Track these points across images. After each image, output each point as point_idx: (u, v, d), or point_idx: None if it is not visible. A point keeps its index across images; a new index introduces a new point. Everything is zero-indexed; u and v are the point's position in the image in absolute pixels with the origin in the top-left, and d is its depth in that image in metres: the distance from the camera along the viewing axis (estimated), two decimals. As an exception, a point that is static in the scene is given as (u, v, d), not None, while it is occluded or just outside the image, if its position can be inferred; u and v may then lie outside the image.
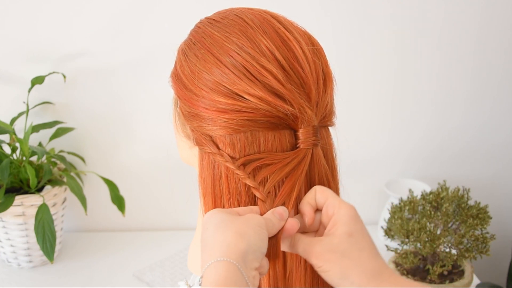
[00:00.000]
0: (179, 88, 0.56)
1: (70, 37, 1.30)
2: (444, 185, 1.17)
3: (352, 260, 0.48)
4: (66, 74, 1.30)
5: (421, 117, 1.43)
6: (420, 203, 1.14)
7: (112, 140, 1.40)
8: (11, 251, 1.26)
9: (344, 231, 0.50)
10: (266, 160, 0.52)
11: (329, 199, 0.52)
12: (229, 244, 0.45)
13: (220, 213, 0.49)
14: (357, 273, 0.48)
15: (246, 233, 0.46)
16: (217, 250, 0.45)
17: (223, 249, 0.45)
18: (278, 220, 0.50)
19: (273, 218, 0.50)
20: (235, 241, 0.46)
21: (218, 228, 0.47)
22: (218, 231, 0.47)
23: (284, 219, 0.51)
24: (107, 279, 1.25)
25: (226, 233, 0.46)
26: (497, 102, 1.43)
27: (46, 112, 1.37)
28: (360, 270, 0.48)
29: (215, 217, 0.49)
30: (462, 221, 1.09)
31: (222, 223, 0.47)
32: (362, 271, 0.48)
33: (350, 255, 0.49)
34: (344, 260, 0.48)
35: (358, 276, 0.48)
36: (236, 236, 0.46)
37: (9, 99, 1.34)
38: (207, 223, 0.49)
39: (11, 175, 1.20)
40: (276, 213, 0.51)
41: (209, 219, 0.49)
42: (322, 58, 0.56)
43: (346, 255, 0.49)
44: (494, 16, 1.33)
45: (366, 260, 0.49)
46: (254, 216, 0.49)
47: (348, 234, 0.49)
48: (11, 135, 1.22)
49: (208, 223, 0.49)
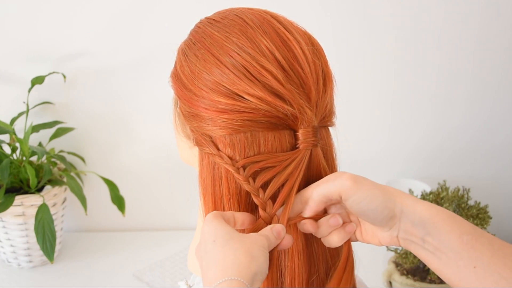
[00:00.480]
0: (179, 88, 0.56)
1: (70, 37, 1.30)
2: (444, 185, 1.17)
3: (387, 187, 0.51)
4: (66, 74, 1.30)
5: (421, 117, 1.43)
6: (420, 203, 1.14)
7: (112, 140, 1.40)
8: (11, 251, 1.26)
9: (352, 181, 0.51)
10: (267, 163, 0.52)
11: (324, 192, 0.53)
12: (241, 264, 0.46)
13: (224, 225, 0.49)
14: (397, 192, 0.51)
15: (256, 255, 0.47)
16: (230, 268, 0.45)
17: (235, 268, 0.45)
18: (275, 238, 0.50)
19: (272, 236, 0.50)
20: (247, 262, 0.46)
21: (227, 244, 0.47)
22: (227, 247, 0.47)
23: (281, 238, 0.51)
24: (107, 279, 1.25)
25: (237, 252, 0.46)
26: (497, 102, 1.43)
27: (46, 112, 1.37)
28: (397, 190, 0.51)
29: (221, 230, 0.48)
30: (462, 221, 1.09)
31: (231, 240, 0.47)
32: (397, 191, 0.51)
33: (384, 187, 0.51)
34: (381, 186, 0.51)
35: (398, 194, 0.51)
36: (248, 257, 0.46)
37: (9, 99, 1.34)
38: (211, 234, 0.48)
39: (11, 175, 1.20)
40: (274, 231, 0.51)
41: (214, 230, 0.48)
42: (322, 58, 0.56)
43: (380, 187, 0.51)
44: (494, 16, 1.33)
45: (391, 188, 0.52)
46: (259, 238, 0.49)
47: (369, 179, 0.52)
48: (11, 135, 1.22)
49: (214, 235, 0.48)
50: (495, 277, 0.45)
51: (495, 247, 0.47)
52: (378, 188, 0.50)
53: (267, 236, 0.50)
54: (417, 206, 0.50)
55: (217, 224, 0.49)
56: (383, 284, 1.18)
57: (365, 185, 0.50)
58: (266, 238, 0.50)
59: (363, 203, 0.50)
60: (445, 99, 1.41)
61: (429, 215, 0.49)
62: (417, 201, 0.50)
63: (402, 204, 0.50)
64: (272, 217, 0.52)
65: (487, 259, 0.46)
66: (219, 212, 0.51)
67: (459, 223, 0.49)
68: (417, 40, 1.34)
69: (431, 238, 0.49)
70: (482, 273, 0.46)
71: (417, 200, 0.50)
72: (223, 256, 0.46)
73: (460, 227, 0.48)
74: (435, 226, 0.48)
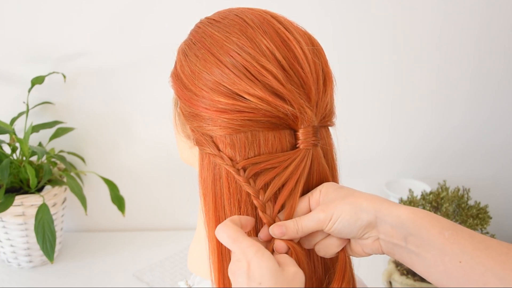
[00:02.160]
0: (179, 88, 0.56)
1: (70, 37, 1.30)
2: (444, 185, 1.17)
3: (357, 196, 0.51)
4: (66, 74, 1.30)
5: (421, 117, 1.43)
6: (420, 203, 1.14)
7: (112, 140, 1.40)
8: (11, 251, 1.26)
9: (334, 188, 0.53)
10: (267, 165, 0.52)
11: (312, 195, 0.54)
12: None
13: (271, 265, 0.46)
14: (368, 200, 0.50)
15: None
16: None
17: None
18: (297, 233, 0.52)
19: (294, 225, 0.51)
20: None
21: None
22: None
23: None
24: (107, 279, 1.25)
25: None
26: (497, 102, 1.43)
27: (46, 112, 1.37)
28: (369, 198, 0.51)
29: (267, 272, 0.46)
30: (462, 221, 1.09)
31: (275, 284, 0.46)
32: (372, 198, 0.51)
33: (353, 194, 0.51)
34: (350, 198, 0.51)
35: (369, 202, 0.50)
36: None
37: (9, 99, 1.34)
38: (258, 274, 0.46)
39: (11, 175, 1.20)
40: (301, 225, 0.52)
41: (260, 269, 0.46)
42: (322, 58, 0.56)
43: (349, 195, 0.51)
44: (494, 16, 1.33)
45: (368, 194, 0.52)
46: (298, 276, 0.48)
47: (339, 187, 0.53)
48: (11, 135, 1.22)
49: (260, 276, 0.46)
50: (480, 269, 0.46)
51: (476, 239, 0.47)
52: (347, 203, 0.50)
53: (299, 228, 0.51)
54: (392, 209, 0.50)
55: (263, 261, 0.46)
56: (383, 284, 1.18)
57: (334, 206, 0.51)
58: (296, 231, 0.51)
59: (335, 225, 0.51)
60: (445, 99, 1.41)
61: (406, 215, 0.49)
62: (392, 205, 0.50)
63: (376, 210, 0.50)
64: (273, 219, 0.52)
65: (471, 252, 0.46)
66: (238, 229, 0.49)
67: (438, 220, 0.49)
68: (417, 40, 1.34)
69: (413, 237, 0.49)
70: (468, 267, 0.46)
71: (393, 203, 0.51)
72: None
73: (440, 223, 0.49)
74: (415, 224, 0.49)
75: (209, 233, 0.55)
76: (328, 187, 0.53)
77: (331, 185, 0.54)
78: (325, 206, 0.51)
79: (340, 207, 0.50)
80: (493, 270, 0.45)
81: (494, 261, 0.46)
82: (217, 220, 0.54)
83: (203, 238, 0.59)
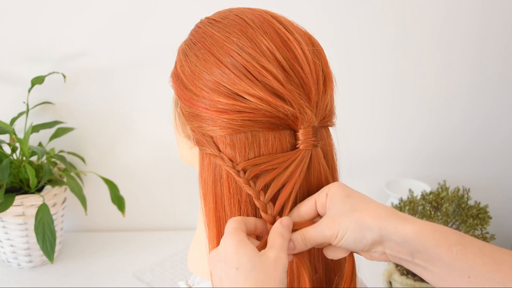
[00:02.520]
0: (179, 88, 0.56)
1: (70, 37, 1.30)
2: (444, 185, 1.17)
3: (363, 210, 0.50)
4: (66, 74, 1.30)
5: (420, 117, 1.43)
6: (420, 203, 1.14)
7: (112, 140, 1.40)
8: (11, 251, 1.26)
9: (341, 196, 0.51)
10: (267, 166, 0.52)
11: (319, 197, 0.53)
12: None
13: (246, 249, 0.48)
14: (373, 217, 0.49)
15: (277, 282, 0.47)
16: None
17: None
18: (288, 232, 0.51)
19: (284, 231, 0.50)
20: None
21: (250, 276, 0.46)
22: (251, 279, 0.46)
23: (290, 230, 0.51)
24: (107, 279, 1.25)
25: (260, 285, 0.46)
26: (496, 102, 1.43)
27: (46, 112, 1.37)
28: (374, 214, 0.49)
29: (244, 255, 0.47)
30: (462, 221, 1.09)
31: (253, 271, 0.46)
32: (377, 214, 0.49)
33: (359, 207, 0.50)
34: (355, 213, 0.50)
35: (374, 219, 0.49)
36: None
37: (9, 99, 1.34)
38: (234, 259, 0.47)
39: (11, 175, 1.20)
40: (284, 225, 0.51)
41: (237, 255, 0.47)
42: (322, 58, 0.56)
43: (355, 209, 0.50)
44: (493, 16, 1.33)
45: (375, 206, 0.50)
46: (280, 261, 0.48)
47: (346, 196, 0.51)
48: (11, 135, 1.22)
49: (237, 261, 0.47)
50: (490, 283, 0.46)
51: (486, 253, 0.47)
52: (352, 221, 0.50)
53: (281, 233, 0.50)
54: (398, 226, 0.49)
55: (240, 247, 0.48)
56: (383, 284, 1.18)
57: (339, 222, 0.50)
58: (280, 235, 0.49)
59: (341, 242, 0.50)
60: (445, 99, 1.41)
61: (412, 233, 0.48)
62: (399, 221, 0.49)
63: (381, 229, 0.49)
64: (274, 218, 0.52)
65: (480, 267, 0.46)
66: (241, 221, 0.50)
67: (446, 235, 0.48)
68: (416, 40, 1.34)
69: (419, 254, 0.48)
70: (477, 282, 0.46)
71: (400, 218, 0.49)
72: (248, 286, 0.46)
73: (448, 239, 0.48)
74: (421, 242, 0.48)
75: (209, 233, 0.55)
76: (335, 192, 0.52)
77: (338, 190, 0.52)
78: (331, 222, 0.50)
79: (345, 225, 0.50)
80: (503, 284, 0.45)
81: (505, 275, 0.45)
82: (217, 220, 0.54)
83: (203, 238, 0.59)
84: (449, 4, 1.31)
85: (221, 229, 0.54)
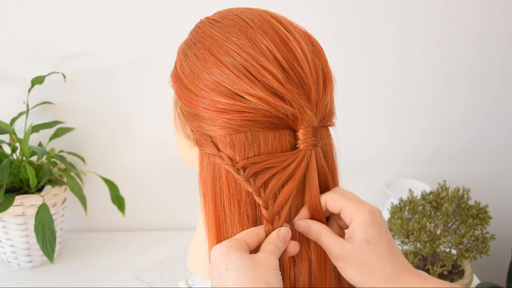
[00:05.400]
0: (179, 88, 0.56)
1: (70, 37, 1.30)
2: (444, 185, 1.17)
3: (371, 267, 0.51)
4: (66, 74, 1.30)
5: (421, 117, 1.43)
6: (420, 203, 1.14)
7: (112, 140, 1.40)
8: (11, 251, 1.26)
9: (361, 238, 0.52)
10: (267, 164, 0.52)
11: (344, 208, 0.53)
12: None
13: (233, 250, 0.49)
14: (376, 278, 0.51)
15: (270, 280, 0.48)
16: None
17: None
18: (283, 243, 0.52)
19: (278, 242, 0.51)
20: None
21: (241, 273, 0.48)
22: (242, 276, 0.48)
23: (287, 241, 0.52)
24: (107, 279, 1.25)
25: (252, 282, 0.47)
26: (496, 102, 1.43)
27: (46, 112, 1.37)
28: (379, 275, 0.51)
29: (233, 256, 0.49)
30: (462, 221, 1.09)
31: (243, 267, 0.48)
32: (381, 275, 0.51)
33: (369, 262, 0.51)
34: (364, 267, 0.51)
35: (377, 281, 0.51)
36: (262, 285, 0.47)
37: (9, 99, 1.34)
38: (222, 261, 0.49)
39: (11, 175, 1.20)
40: (281, 236, 0.52)
41: (225, 257, 0.49)
42: (322, 58, 0.56)
43: (365, 262, 0.51)
44: (493, 16, 1.33)
45: (385, 264, 0.51)
46: (269, 259, 0.50)
47: (366, 242, 0.51)
48: (11, 135, 1.22)
49: (226, 262, 0.49)
50: None
51: None
52: (358, 275, 0.52)
53: (275, 244, 0.51)
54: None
55: (229, 251, 0.49)
56: None
57: (350, 270, 0.52)
58: (274, 245, 0.51)
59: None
60: (445, 99, 1.41)
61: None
62: (405, 282, 0.51)
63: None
64: (274, 216, 0.52)
65: None
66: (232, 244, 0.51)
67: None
68: (417, 40, 1.34)
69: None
70: None
71: (406, 280, 0.51)
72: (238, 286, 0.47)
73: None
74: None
75: (209, 233, 0.55)
76: (358, 229, 0.52)
77: (362, 226, 0.52)
78: (343, 258, 0.52)
79: (353, 275, 0.52)
80: None
81: None
82: (217, 220, 0.54)
83: (203, 238, 0.59)
84: (449, 4, 1.31)
85: (221, 229, 0.54)
